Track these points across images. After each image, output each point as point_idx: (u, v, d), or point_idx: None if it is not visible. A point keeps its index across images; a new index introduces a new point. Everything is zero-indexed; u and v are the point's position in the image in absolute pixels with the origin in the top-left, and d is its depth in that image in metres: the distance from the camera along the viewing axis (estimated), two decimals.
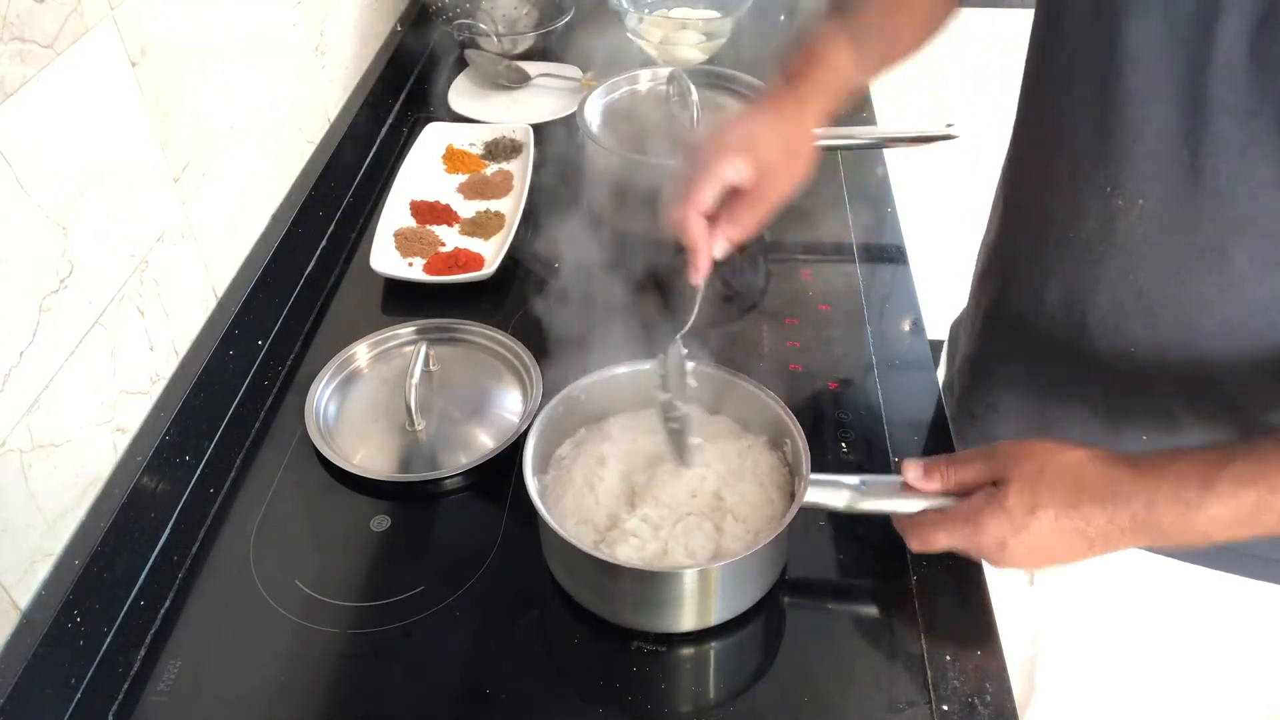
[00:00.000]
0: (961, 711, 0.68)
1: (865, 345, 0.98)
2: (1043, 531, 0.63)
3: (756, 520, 0.75)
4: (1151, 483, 0.61)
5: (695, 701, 0.71)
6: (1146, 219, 0.69)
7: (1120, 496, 0.62)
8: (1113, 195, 0.70)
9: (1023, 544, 0.64)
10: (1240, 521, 0.60)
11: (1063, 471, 0.64)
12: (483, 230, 1.12)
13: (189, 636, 0.74)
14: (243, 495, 0.85)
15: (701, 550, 0.73)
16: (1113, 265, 0.73)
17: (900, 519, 0.71)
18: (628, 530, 0.74)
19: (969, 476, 0.68)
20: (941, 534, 0.68)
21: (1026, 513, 0.63)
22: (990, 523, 0.65)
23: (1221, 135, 0.63)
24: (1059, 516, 0.63)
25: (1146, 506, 0.61)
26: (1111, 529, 0.62)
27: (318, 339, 1.01)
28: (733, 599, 0.73)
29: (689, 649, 0.74)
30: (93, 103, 0.74)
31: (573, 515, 0.76)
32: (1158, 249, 0.70)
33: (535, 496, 0.72)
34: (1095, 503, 0.62)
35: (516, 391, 0.93)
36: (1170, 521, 0.61)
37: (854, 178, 1.21)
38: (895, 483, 0.71)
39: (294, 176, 1.10)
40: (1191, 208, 0.67)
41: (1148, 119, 0.66)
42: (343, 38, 1.24)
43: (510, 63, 1.40)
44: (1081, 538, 0.63)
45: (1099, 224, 0.72)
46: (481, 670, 0.72)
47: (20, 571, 0.68)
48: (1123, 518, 0.61)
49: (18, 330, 0.67)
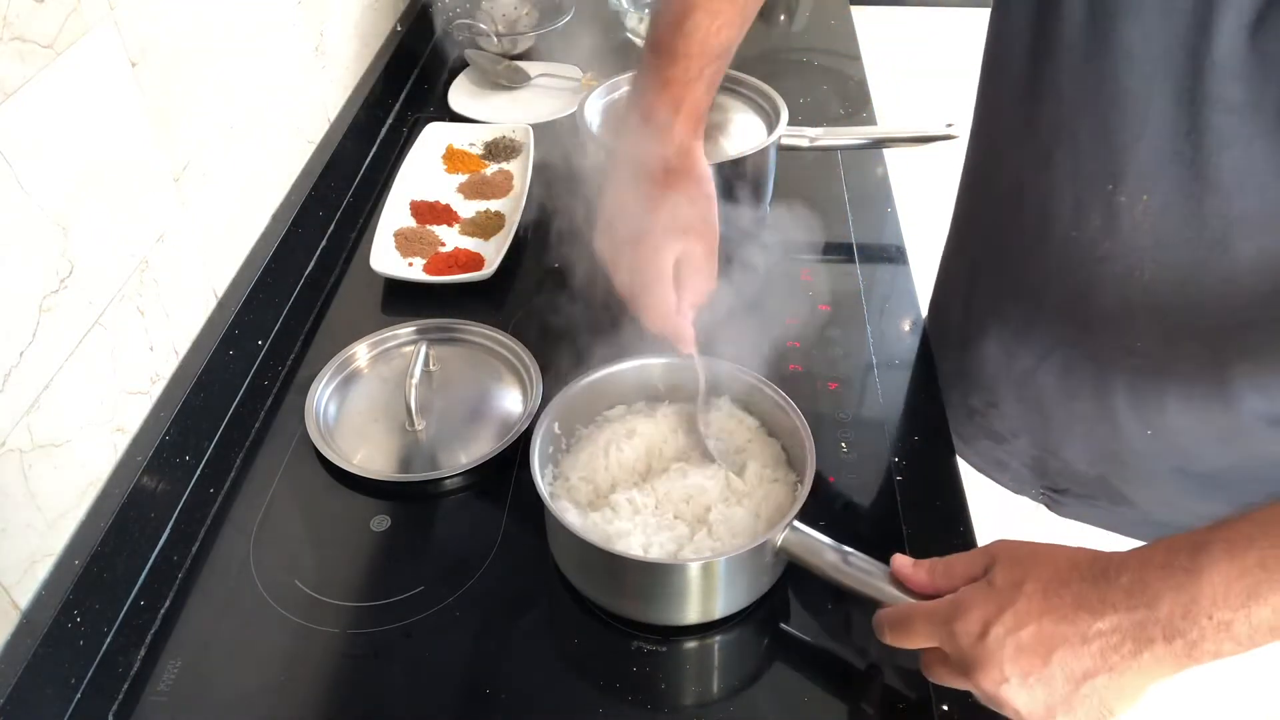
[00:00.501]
0: (961, 711, 0.68)
1: (865, 345, 0.98)
2: (1029, 610, 0.56)
3: (761, 513, 0.75)
4: (1142, 557, 0.56)
5: (696, 701, 0.71)
6: (1151, 215, 0.69)
7: (1111, 571, 0.56)
8: (1116, 192, 0.70)
9: (1006, 629, 0.56)
10: (1254, 592, 0.51)
11: (1055, 553, 0.59)
12: (483, 230, 1.12)
13: (189, 636, 0.74)
14: (243, 495, 0.85)
15: (699, 548, 0.73)
16: (1118, 263, 0.73)
17: (877, 614, 0.66)
18: (613, 502, 0.75)
19: (958, 570, 0.63)
20: (920, 618, 0.62)
21: (1013, 588, 0.57)
22: (974, 601, 0.59)
23: (1223, 131, 0.63)
24: (1047, 593, 0.56)
25: (1139, 581, 0.54)
26: (1105, 610, 0.55)
27: (318, 339, 1.01)
28: (736, 593, 0.73)
29: (690, 647, 0.74)
30: (93, 103, 0.74)
31: (580, 470, 0.79)
32: (1163, 245, 0.70)
33: (540, 482, 0.73)
34: (1086, 580, 0.56)
35: (516, 391, 0.93)
36: (1170, 601, 0.53)
37: (854, 178, 1.21)
38: (879, 568, 0.68)
39: (294, 176, 1.10)
40: (1195, 202, 0.67)
41: (1148, 117, 0.66)
42: (343, 38, 1.24)
43: (510, 63, 1.40)
44: (1070, 624, 0.55)
45: (1103, 222, 0.72)
46: (481, 670, 0.72)
47: (20, 571, 0.68)
48: (1115, 594, 0.55)
49: (18, 330, 0.67)
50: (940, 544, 0.79)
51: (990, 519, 0.99)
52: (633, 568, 0.71)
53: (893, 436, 0.89)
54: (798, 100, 1.35)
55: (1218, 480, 0.81)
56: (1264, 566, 0.51)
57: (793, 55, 1.52)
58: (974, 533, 0.80)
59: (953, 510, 0.82)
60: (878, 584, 0.67)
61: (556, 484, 0.80)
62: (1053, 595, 0.56)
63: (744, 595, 0.74)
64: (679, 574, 0.70)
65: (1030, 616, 0.56)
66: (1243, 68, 0.61)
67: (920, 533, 0.80)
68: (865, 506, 0.83)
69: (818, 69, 1.49)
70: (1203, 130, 0.64)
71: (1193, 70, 0.63)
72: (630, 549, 0.72)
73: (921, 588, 0.65)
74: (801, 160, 1.20)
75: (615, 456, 0.79)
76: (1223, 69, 0.61)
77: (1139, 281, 0.73)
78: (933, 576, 0.64)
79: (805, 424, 0.77)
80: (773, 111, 1.11)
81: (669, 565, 0.71)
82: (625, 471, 0.79)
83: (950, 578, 0.63)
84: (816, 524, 0.80)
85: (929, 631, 0.61)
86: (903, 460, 0.86)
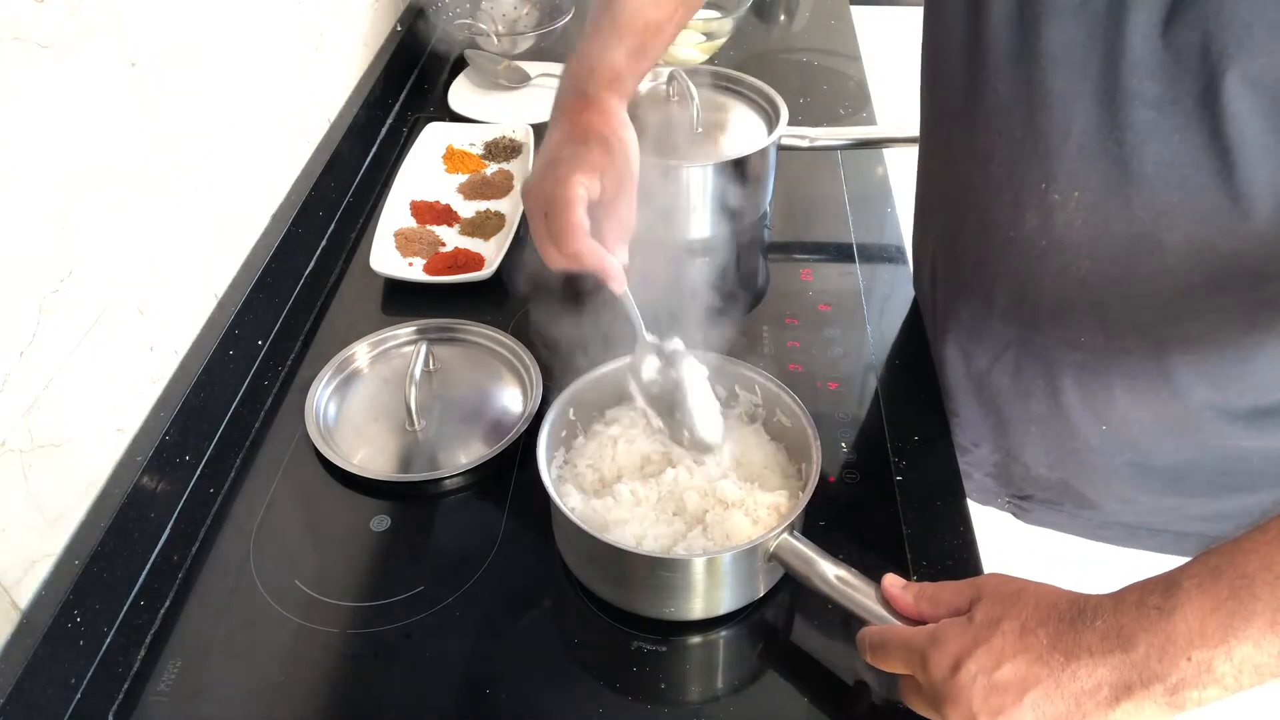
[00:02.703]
0: None
1: (865, 345, 0.98)
2: (1004, 648, 0.56)
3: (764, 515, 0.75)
4: (1116, 598, 0.55)
5: (696, 700, 0.71)
6: (1083, 211, 0.71)
7: (1088, 611, 0.55)
8: (1049, 190, 0.72)
9: (980, 666, 0.56)
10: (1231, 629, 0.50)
11: (1038, 594, 0.58)
12: (483, 230, 1.12)
13: (189, 636, 0.74)
14: (243, 495, 0.85)
15: (702, 544, 0.73)
16: (1055, 259, 0.75)
17: (861, 630, 0.66)
18: (615, 491, 0.76)
19: (943, 598, 0.63)
20: (897, 644, 0.62)
21: (990, 625, 0.57)
22: (950, 635, 0.58)
23: (1145, 125, 0.65)
24: (1023, 632, 0.56)
25: (1113, 623, 0.53)
26: (1079, 652, 0.54)
27: (318, 339, 1.01)
28: (740, 588, 0.73)
29: (690, 646, 0.74)
30: (93, 103, 0.74)
31: (588, 458, 0.80)
32: (1096, 240, 0.72)
33: (545, 473, 0.73)
34: (1063, 620, 0.55)
35: (516, 391, 0.93)
36: (1144, 643, 0.52)
37: (854, 178, 1.22)
38: (869, 587, 0.67)
39: (294, 176, 1.10)
40: (1123, 197, 0.68)
41: (1074, 116, 0.68)
42: (343, 38, 1.24)
43: (510, 63, 1.40)
44: (1043, 665, 0.54)
45: (1039, 220, 0.74)
46: (481, 670, 0.72)
47: (20, 571, 0.68)
48: (1089, 636, 0.54)
49: (18, 330, 0.67)
50: (940, 544, 0.79)
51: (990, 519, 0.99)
52: (636, 561, 0.71)
53: (893, 436, 0.89)
54: (798, 100, 1.35)
55: (1176, 474, 0.83)
56: (1235, 597, 0.50)
57: (793, 55, 1.53)
58: (974, 533, 0.80)
59: (953, 510, 0.82)
60: (866, 603, 0.67)
61: (565, 468, 0.81)
62: (1029, 635, 0.56)
63: (736, 597, 0.74)
64: (683, 568, 0.70)
65: (1005, 655, 0.56)
66: (1157, 63, 0.62)
67: (920, 533, 0.80)
68: (865, 507, 0.83)
69: (818, 69, 1.49)
70: (1124, 127, 0.66)
71: (1111, 68, 0.64)
72: (623, 539, 0.72)
73: (906, 611, 0.65)
74: (801, 160, 1.21)
75: (624, 448, 0.80)
76: (1138, 66, 0.63)
77: (1075, 277, 0.74)
78: (919, 603, 0.64)
79: (814, 426, 0.76)
80: (773, 111, 1.11)
81: (673, 559, 0.71)
82: (632, 463, 0.80)
83: (935, 606, 0.63)
84: (816, 524, 0.80)
85: (905, 659, 0.61)
86: (903, 460, 0.86)
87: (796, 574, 0.70)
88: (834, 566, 0.69)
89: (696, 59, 1.40)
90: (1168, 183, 0.66)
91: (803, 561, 0.70)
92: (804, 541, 0.71)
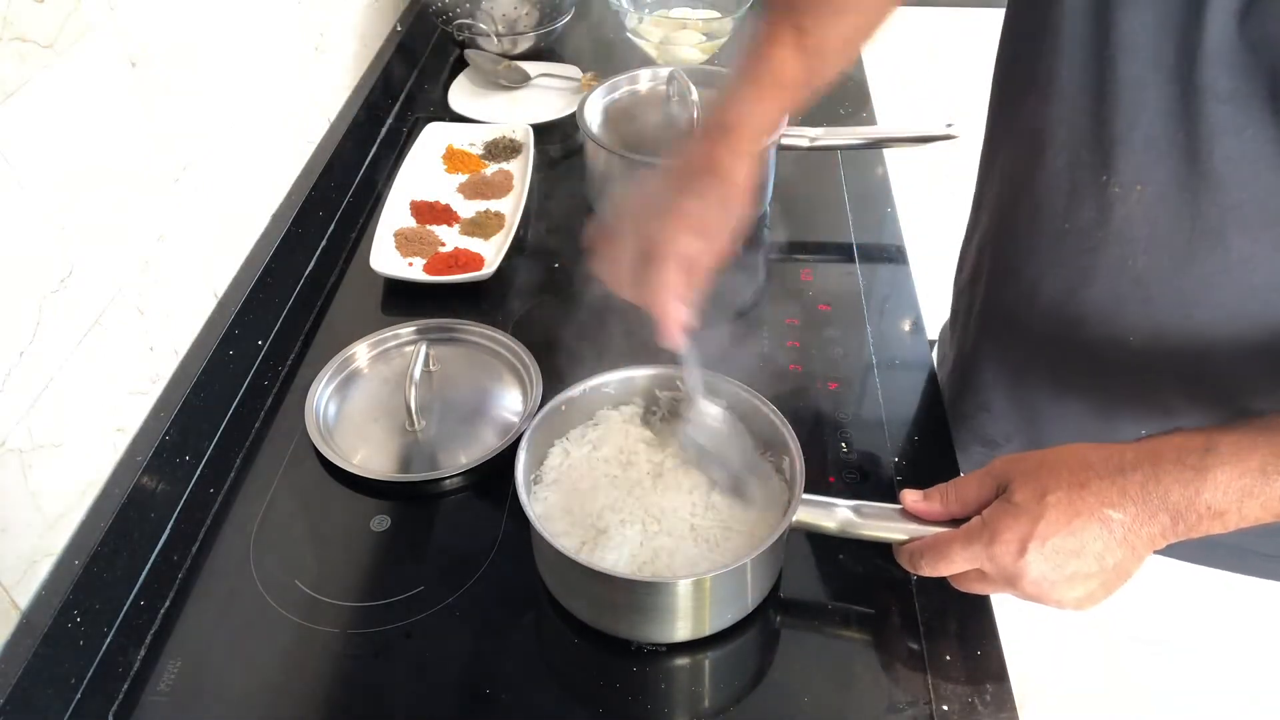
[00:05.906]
0: (961, 711, 0.69)
1: (865, 345, 0.98)
2: (1059, 519, 0.61)
3: (752, 531, 0.75)
4: (1153, 454, 0.61)
5: (696, 699, 0.71)
6: (1144, 205, 0.70)
7: (1126, 467, 0.61)
8: (1109, 183, 0.70)
9: (1042, 539, 0.61)
10: (1249, 491, 0.58)
11: (1064, 457, 0.63)
12: (483, 230, 1.12)
13: (189, 636, 0.74)
14: (243, 495, 0.85)
15: (688, 563, 0.72)
16: (1111, 253, 0.73)
17: (905, 547, 0.69)
18: (613, 535, 0.73)
19: (969, 494, 0.67)
20: (956, 547, 0.65)
21: (1037, 500, 0.62)
22: (1003, 523, 0.62)
23: (1216, 120, 0.64)
24: (1071, 498, 0.61)
25: (1153, 477, 0.60)
26: (1125, 503, 0.60)
27: (318, 339, 1.01)
28: (728, 608, 0.73)
29: (689, 645, 0.73)
30: (93, 103, 0.74)
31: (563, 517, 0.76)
32: (1156, 235, 0.70)
33: (527, 504, 0.72)
34: (1103, 478, 0.61)
35: (516, 391, 0.93)
36: (1179, 494, 0.59)
37: (854, 178, 1.21)
38: (893, 509, 0.69)
39: (294, 176, 1.10)
40: (1189, 192, 0.67)
41: (1143, 106, 0.66)
42: (343, 38, 1.24)
43: (510, 63, 1.40)
44: (1099, 522, 0.60)
45: (1096, 212, 0.72)
46: (481, 671, 0.72)
47: (20, 571, 0.68)
48: (1133, 488, 0.60)
49: (18, 330, 0.67)
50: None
51: None
52: (620, 586, 0.69)
53: (893, 436, 0.89)
54: None
55: None
56: (1264, 471, 0.58)
57: None
58: None
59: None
60: (894, 524, 0.69)
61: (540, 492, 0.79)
62: (1076, 500, 0.61)
63: (737, 609, 0.73)
64: (667, 591, 0.70)
65: (1061, 524, 0.61)
66: (1233, 56, 0.61)
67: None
68: None
69: None
70: (1196, 119, 0.64)
71: (1186, 58, 0.63)
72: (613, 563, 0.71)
73: (937, 517, 0.68)
74: (801, 160, 1.20)
75: (602, 469, 0.78)
76: (1213, 57, 0.62)
77: (1131, 272, 0.73)
78: (947, 505, 0.68)
79: (796, 440, 0.75)
80: None
81: (657, 583, 0.70)
82: (611, 483, 0.78)
83: (964, 503, 0.67)
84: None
85: (967, 557, 0.64)
86: (903, 460, 0.86)
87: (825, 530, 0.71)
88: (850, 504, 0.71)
89: (696, 59, 1.40)
90: (1237, 179, 0.65)
91: (824, 512, 0.71)
92: (813, 499, 0.71)
